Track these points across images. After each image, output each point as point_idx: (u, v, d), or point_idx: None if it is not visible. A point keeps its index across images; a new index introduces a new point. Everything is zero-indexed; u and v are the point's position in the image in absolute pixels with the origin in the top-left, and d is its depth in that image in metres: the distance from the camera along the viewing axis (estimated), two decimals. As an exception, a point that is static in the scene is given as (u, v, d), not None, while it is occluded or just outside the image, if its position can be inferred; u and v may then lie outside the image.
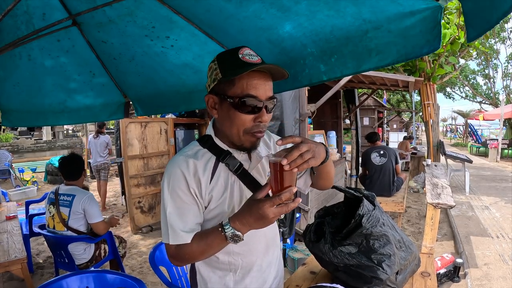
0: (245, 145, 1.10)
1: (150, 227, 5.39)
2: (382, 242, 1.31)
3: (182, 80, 2.45)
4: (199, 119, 6.80)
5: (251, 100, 1.01)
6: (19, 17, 1.79)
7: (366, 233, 1.30)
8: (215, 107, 1.10)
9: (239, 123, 1.04)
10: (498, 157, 14.12)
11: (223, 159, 1.11)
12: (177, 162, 1.09)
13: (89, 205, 2.84)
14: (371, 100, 14.82)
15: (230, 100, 1.02)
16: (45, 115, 2.79)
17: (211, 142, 1.14)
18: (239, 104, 1.01)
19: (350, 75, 2.17)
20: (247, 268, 1.19)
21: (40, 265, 4.11)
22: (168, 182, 1.09)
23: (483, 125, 25.35)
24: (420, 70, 8.16)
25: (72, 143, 15.05)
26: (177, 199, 1.07)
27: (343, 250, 1.30)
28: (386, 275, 1.28)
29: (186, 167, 1.07)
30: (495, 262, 3.98)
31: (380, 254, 1.29)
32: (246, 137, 1.07)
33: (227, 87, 1.03)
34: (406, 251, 1.42)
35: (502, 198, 7.31)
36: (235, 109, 1.03)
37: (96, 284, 1.86)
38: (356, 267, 1.30)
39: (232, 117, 1.04)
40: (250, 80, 1.01)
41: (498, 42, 20.37)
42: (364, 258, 1.29)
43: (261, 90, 1.02)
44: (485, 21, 1.03)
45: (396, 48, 1.44)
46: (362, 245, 1.30)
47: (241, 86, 1.01)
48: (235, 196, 1.13)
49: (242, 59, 1.00)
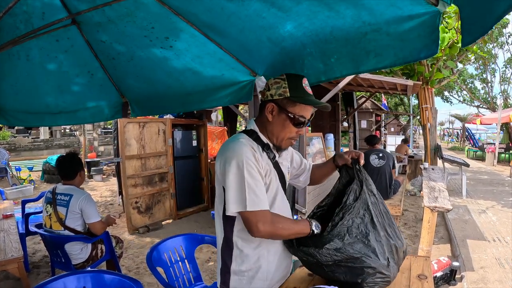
0: (283, 147, 1.45)
1: (147, 227, 5.38)
2: (365, 231, 1.31)
3: (180, 81, 2.45)
4: (197, 120, 6.80)
5: (302, 119, 1.38)
6: (18, 16, 1.78)
7: (348, 225, 1.31)
8: (272, 113, 1.41)
9: (288, 131, 1.40)
10: (495, 161, 14.17)
11: (266, 149, 1.43)
12: (242, 147, 1.32)
13: (86, 205, 2.84)
14: (369, 103, 14.86)
15: (290, 115, 1.37)
16: (43, 116, 2.78)
17: (256, 135, 1.44)
18: (294, 120, 1.37)
19: (348, 76, 2.18)
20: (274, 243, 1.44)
21: (36, 265, 4.09)
22: (239, 161, 1.29)
23: (480, 129, 25.40)
24: (418, 74, 8.19)
25: (70, 142, 15.03)
26: (252, 174, 1.29)
27: (329, 247, 1.30)
28: (378, 261, 1.28)
29: (251, 149, 1.33)
30: (491, 265, 3.99)
31: (366, 244, 1.30)
32: (287, 142, 1.44)
33: (290, 104, 1.37)
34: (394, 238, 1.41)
35: (499, 202, 7.33)
36: (290, 122, 1.38)
37: (93, 284, 1.86)
38: (346, 261, 1.30)
39: (285, 126, 1.39)
40: (306, 106, 1.38)
41: (496, 47, 20.47)
42: (350, 250, 1.29)
43: (308, 113, 1.40)
44: (481, 26, 1.05)
45: (393, 51, 1.46)
46: (346, 237, 1.30)
47: (299, 108, 1.37)
48: (273, 179, 1.42)
49: (305, 88, 1.37)
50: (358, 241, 1.31)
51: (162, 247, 2.36)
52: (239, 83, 2.31)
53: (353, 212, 1.34)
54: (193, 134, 6.62)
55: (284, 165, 1.55)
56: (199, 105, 2.61)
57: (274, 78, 1.41)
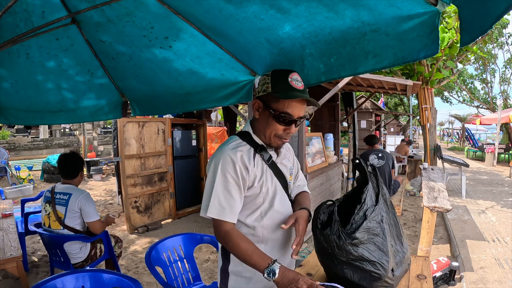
0: (272, 145, 1.41)
1: (146, 227, 5.38)
2: (382, 237, 1.31)
3: (180, 81, 2.45)
4: (196, 119, 6.80)
5: (287, 116, 1.31)
6: (18, 15, 1.78)
7: (370, 227, 1.30)
8: (258, 110, 1.38)
9: (273, 129, 1.35)
10: (494, 162, 14.18)
11: (260, 151, 1.40)
12: (226, 152, 1.32)
13: (85, 204, 2.84)
14: (369, 103, 14.85)
15: (272, 112, 1.32)
16: (43, 114, 2.78)
17: (250, 137, 1.42)
18: (277, 117, 1.31)
19: (347, 77, 2.18)
20: (274, 239, 1.45)
21: (35, 264, 4.09)
22: (217, 166, 1.31)
23: (480, 130, 25.45)
24: (418, 74, 8.19)
25: (69, 141, 15.02)
26: (226, 181, 1.30)
27: (350, 242, 1.29)
28: (388, 270, 1.28)
29: (234, 156, 1.31)
30: (490, 265, 3.99)
31: (382, 250, 1.30)
32: (275, 140, 1.38)
33: (273, 100, 1.32)
34: (401, 248, 1.42)
35: (498, 202, 7.33)
36: (273, 119, 1.33)
37: (92, 284, 1.86)
38: (360, 262, 1.29)
39: (269, 123, 1.35)
40: (290, 102, 1.30)
41: (496, 47, 20.48)
42: (366, 253, 1.29)
43: (296, 111, 1.31)
44: (479, 26, 1.05)
45: (393, 51, 1.46)
46: (367, 239, 1.30)
47: (283, 104, 1.30)
48: (268, 180, 1.41)
49: (290, 83, 1.29)
50: (375, 246, 1.30)
51: (161, 246, 2.36)
52: (238, 83, 2.31)
53: (374, 215, 1.32)
54: (193, 133, 6.62)
55: (285, 165, 1.52)
56: (199, 105, 2.61)
57: (263, 75, 1.40)
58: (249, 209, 1.41)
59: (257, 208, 1.41)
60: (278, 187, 1.46)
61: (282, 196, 1.47)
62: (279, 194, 1.46)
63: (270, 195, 1.42)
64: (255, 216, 1.42)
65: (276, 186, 1.45)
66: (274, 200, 1.43)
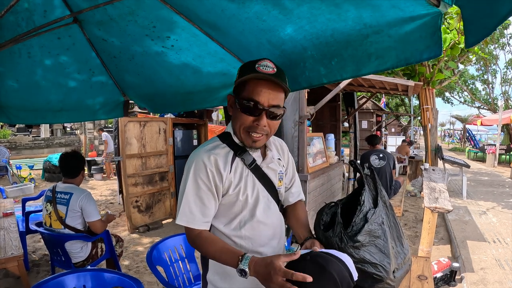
0: (245, 143, 1.25)
1: (147, 226, 5.38)
2: (383, 239, 1.31)
3: (181, 80, 2.45)
4: (198, 119, 6.80)
5: (252, 103, 1.16)
6: (20, 14, 1.78)
7: (371, 229, 1.30)
8: (232, 105, 1.27)
9: (240, 121, 1.21)
10: (495, 163, 14.17)
11: (240, 154, 1.26)
12: (200, 155, 1.22)
13: (86, 203, 2.84)
14: (370, 104, 14.84)
15: (237, 101, 1.20)
16: (44, 113, 2.78)
17: (230, 139, 1.28)
18: (242, 105, 1.18)
19: (349, 79, 2.17)
20: (256, 253, 1.29)
21: (36, 263, 4.09)
22: (190, 170, 1.22)
23: (481, 131, 25.40)
24: (419, 74, 8.19)
25: (70, 140, 15.02)
26: (198, 187, 1.21)
27: (352, 245, 1.28)
28: (389, 272, 1.28)
29: (207, 160, 1.20)
30: (491, 266, 3.99)
31: (383, 253, 1.29)
32: (245, 135, 1.22)
33: (240, 89, 1.20)
34: (402, 249, 1.42)
35: (499, 203, 7.33)
36: (239, 109, 1.19)
37: (93, 283, 1.86)
38: (362, 264, 1.29)
39: (237, 115, 1.22)
40: (256, 87, 1.16)
41: (498, 48, 20.45)
42: (367, 255, 1.28)
43: (264, 97, 1.16)
44: (484, 27, 1.04)
45: (395, 52, 1.45)
46: (369, 241, 1.29)
47: (248, 90, 1.17)
48: (248, 187, 1.27)
49: (257, 69, 1.15)
50: (377, 248, 1.29)
51: (162, 246, 2.36)
52: (240, 82, 2.31)
53: (374, 217, 1.31)
54: (194, 133, 6.62)
55: (273, 169, 1.36)
56: (201, 105, 2.61)
57: None
58: (226, 217, 1.29)
59: (235, 216, 1.28)
60: (261, 194, 1.31)
61: (266, 205, 1.33)
62: (262, 202, 1.31)
63: (250, 203, 1.28)
64: (233, 226, 1.29)
65: (259, 193, 1.30)
66: (255, 209, 1.29)
